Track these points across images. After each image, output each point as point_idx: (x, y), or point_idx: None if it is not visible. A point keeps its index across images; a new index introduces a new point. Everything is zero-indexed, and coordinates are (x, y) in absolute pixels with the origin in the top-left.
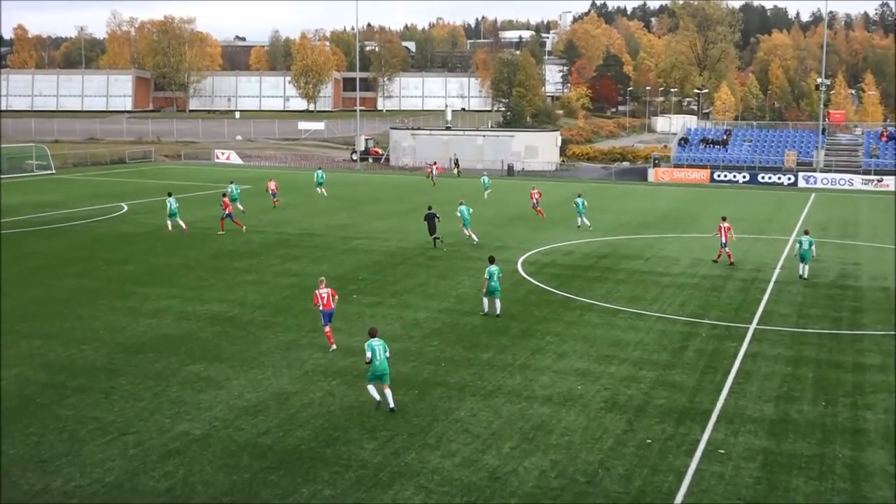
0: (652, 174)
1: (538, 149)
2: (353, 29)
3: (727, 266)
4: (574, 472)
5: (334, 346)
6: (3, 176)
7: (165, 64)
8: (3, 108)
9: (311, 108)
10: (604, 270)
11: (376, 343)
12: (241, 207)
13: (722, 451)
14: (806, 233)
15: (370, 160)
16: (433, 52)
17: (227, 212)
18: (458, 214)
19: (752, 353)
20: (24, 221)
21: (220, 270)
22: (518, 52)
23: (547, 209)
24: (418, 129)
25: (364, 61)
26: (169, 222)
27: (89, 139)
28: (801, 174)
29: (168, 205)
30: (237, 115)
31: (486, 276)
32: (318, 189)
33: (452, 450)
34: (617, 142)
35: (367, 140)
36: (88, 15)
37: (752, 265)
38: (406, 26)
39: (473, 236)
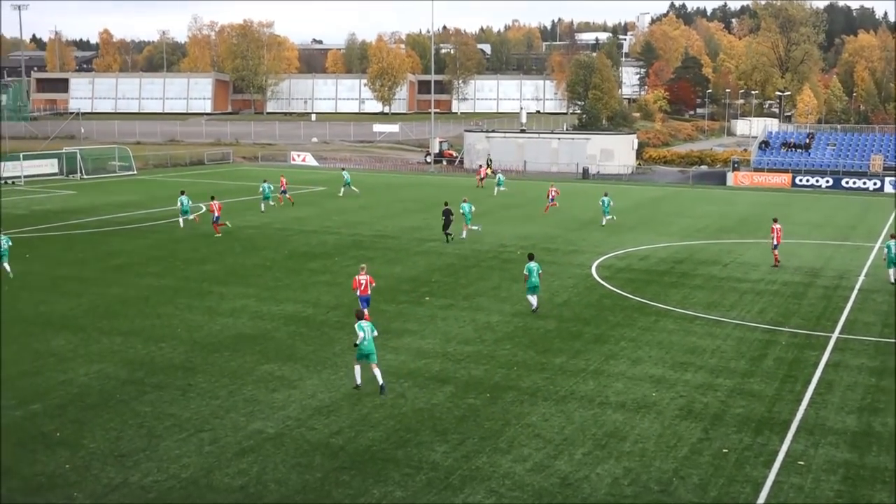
0: (731, 178)
1: (614, 152)
2: (428, 31)
3: (807, 272)
4: (648, 480)
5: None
6: (86, 176)
7: (244, 67)
8: (89, 110)
9: (386, 110)
10: (680, 276)
11: (365, 324)
12: (263, 208)
13: (801, 463)
14: (893, 237)
15: (444, 162)
16: (508, 54)
17: (216, 215)
18: (461, 211)
19: (833, 362)
20: (107, 221)
21: (295, 271)
22: (594, 54)
23: (622, 213)
24: (493, 131)
25: (439, 64)
26: (181, 219)
27: (170, 141)
28: (887, 179)
29: (180, 202)
30: (313, 117)
31: (526, 272)
32: (343, 189)
33: (524, 454)
34: (695, 145)
35: (441, 142)
36: (171, 19)
37: (835, 272)
38: (481, 28)
39: (473, 229)
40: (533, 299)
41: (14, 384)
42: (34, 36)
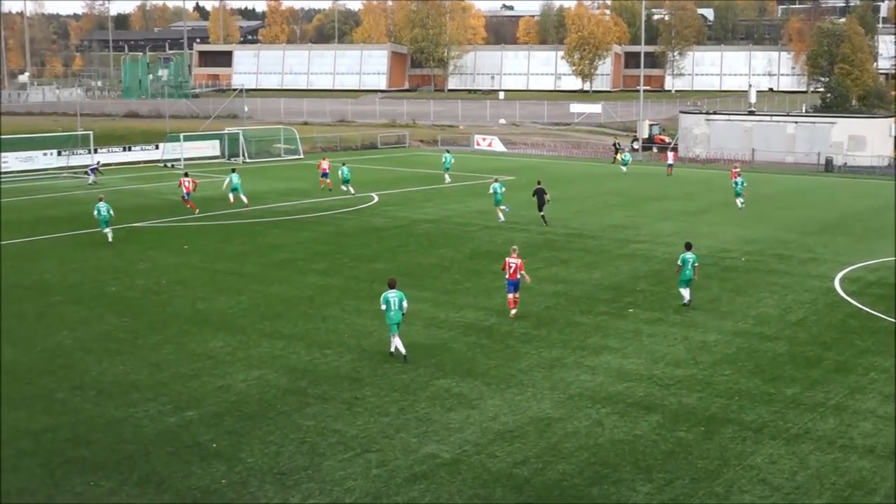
0: None
1: (866, 139)
2: None
3: None
4: None
5: (514, 313)
6: (249, 160)
7: (423, 37)
8: (253, 86)
9: (586, 87)
10: None
11: (392, 295)
12: (351, 190)
13: None
14: None
15: (654, 149)
16: (735, 20)
17: (185, 192)
18: (491, 192)
19: None
20: (270, 211)
21: (477, 273)
22: (842, 20)
23: (874, 214)
24: (714, 113)
25: (650, 32)
26: (231, 195)
27: (339, 121)
28: None
29: (230, 179)
30: (501, 95)
31: (680, 262)
32: (446, 176)
33: (745, 502)
34: None
35: (651, 126)
36: None
37: None
38: None
39: (501, 215)
40: (685, 292)
41: (169, 387)
42: (197, 4)
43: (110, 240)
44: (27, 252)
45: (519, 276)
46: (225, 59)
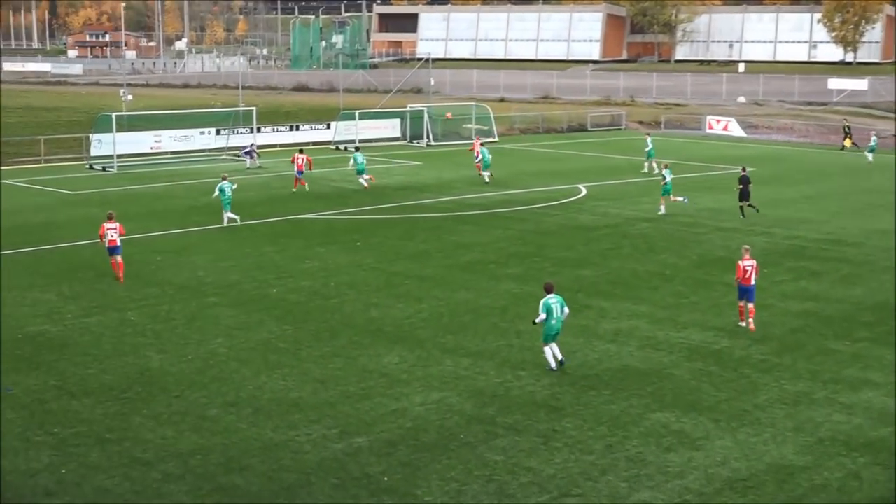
0: None
1: None
2: None
3: None
4: None
5: (743, 324)
6: (434, 142)
7: None
8: (442, 55)
9: (850, 58)
10: None
11: (553, 301)
12: (486, 177)
13: None
14: None
15: None
16: None
17: (298, 170)
18: (662, 177)
19: None
20: (458, 203)
21: (706, 284)
22: None
23: None
24: None
25: None
26: (362, 179)
27: (543, 98)
28: None
29: (353, 160)
30: (741, 67)
31: None
32: (646, 164)
33: None
34: None
35: None
36: None
37: None
38: None
39: (677, 199)
40: None
41: (336, 408)
42: None
43: (226, 222)
44: (179, 245)
45: (753, 283)
46: (409, 23)
